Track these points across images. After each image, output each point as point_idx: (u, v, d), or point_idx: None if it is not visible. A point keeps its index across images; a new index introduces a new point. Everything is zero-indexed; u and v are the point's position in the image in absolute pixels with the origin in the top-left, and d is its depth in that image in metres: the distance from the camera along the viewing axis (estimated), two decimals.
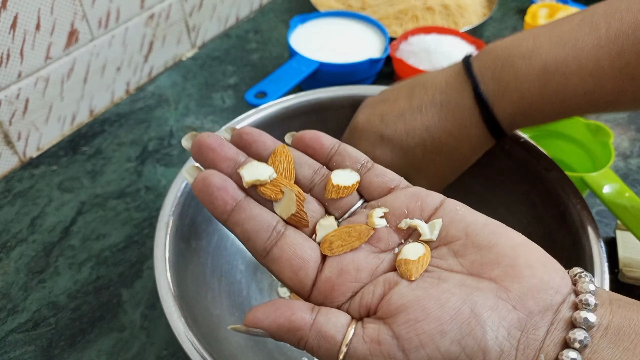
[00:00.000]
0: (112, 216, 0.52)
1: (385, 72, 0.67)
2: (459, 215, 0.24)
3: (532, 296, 0.21)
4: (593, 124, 0.52)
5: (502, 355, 0.20)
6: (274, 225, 0.24)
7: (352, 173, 0.26)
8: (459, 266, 0.23)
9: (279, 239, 0.24)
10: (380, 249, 0.25)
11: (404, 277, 0.23)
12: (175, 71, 0.70)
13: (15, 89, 0.54)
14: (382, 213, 0.25)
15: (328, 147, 0.27)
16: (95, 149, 0.59)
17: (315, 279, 0.24)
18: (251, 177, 0.25)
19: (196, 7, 0.71)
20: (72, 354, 0.42)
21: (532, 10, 0.72)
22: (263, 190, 0.25)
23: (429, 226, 0.24)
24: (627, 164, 0.58)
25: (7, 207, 0.53)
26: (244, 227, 0.24)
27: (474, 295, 0.21)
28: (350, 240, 0.24)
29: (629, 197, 0.45)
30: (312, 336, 0.22)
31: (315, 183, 0.26)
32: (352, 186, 0.26)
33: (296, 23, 0.67)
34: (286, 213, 0.25)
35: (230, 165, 0.26)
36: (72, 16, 0.56)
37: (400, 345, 0.21)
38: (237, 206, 0.24)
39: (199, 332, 0.33)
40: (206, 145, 0.26)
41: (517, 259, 0.22)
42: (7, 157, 0.56)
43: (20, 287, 0.46)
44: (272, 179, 0.25)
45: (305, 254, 0.24)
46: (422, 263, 0.23)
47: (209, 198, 0.24)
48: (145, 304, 0.45)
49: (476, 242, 0.23)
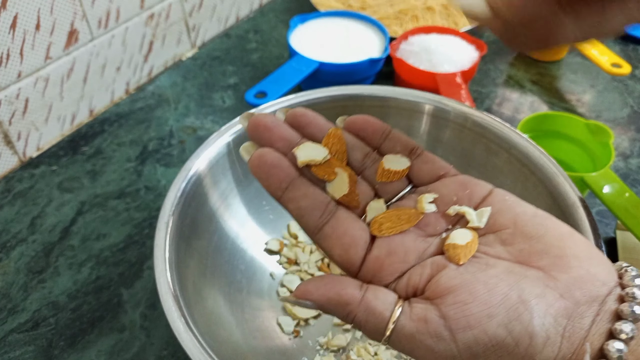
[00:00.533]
0: (112, 216, 0.52)
1: (385, 72, 0.67)
2: (508, 205, 0.25)
3: (579, 286, 0.21)
4: (593, 124, 0.52)
5: (548, 341, 0.21)
6: (327, 204, 0.25)
7: (402, 158, 0.27)
8: (506, 254, 0.23)
9: (330, 218, 0.25)
10: (428, 233, 0.25)
11: (452, 260, 0.23)
12: (175, 71, 0.70)
13: (15, 88, 0.54)
14: (432, 199, 0.26)
15: (379, 131, 0.28)
16: (95, 149, 0.59)
17: (363, 258, 0.25)
18: (306, 157, 0.26)
19: (196, 7, 0.71)
20: (72, 354, 0.42)
21: None
22: (317, 170, 0.26)
23: (477, 214, 0.25)
24: (627, 164, 0.58)
25: (7, 207, 0.53)
26: (298, 204, 0.25)
27: (521, 282, 0.22)
28: (399, 222, 0.25)
29: (629, 197, 0.45)
30: (360, 311, 0.23)
31: (366, 166, 0.27)
32: (403, 171, 0.27)
33: (296, 23, 0.67)
34: (338, 193, 0.26)
35: (285, 145, 0.26)
36: (72, 16, 0.56)
37: (447, 325, 0.22)
38: (291, 184, 0.25)
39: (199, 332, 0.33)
40: (263, 124, 0.26)
41: (565, 249, 0.22)
42: (7, 157, 0.56)
43: (20, 287, 0.46)
44: (325, 160, 0.26)
45: (355, 233, 0.25)
46: (470, 248, 0.24)
47: (265, 175, 0.25)
48: (145, 304, 0.45)
49: (524, 232, 0.23)
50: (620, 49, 0.75)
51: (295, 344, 0.42)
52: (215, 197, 0.43)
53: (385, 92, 0.46)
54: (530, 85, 0.69)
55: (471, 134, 0.44)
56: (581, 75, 0.70)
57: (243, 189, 0.46)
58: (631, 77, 0.70)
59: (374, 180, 0.27)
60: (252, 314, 0.42)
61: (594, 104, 0.66)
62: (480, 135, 0.43)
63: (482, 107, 0.65)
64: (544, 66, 0.72)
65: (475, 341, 0.21)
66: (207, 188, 0.42)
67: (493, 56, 0.73)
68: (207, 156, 0.42)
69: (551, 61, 0.72)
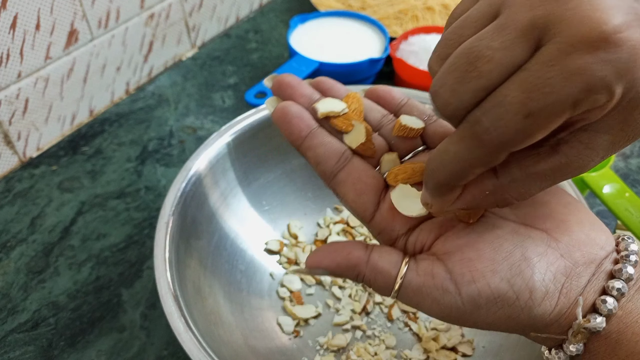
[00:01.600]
0: (112, 216, 0.52)
1: (385, 72, 0.67)
2: None
3: (579, 248, 0.23)
4: None
5: (546, 295, 0.22)
6: (343, 152, 0.27)
7: (418, 120, 0.28)
8: (512, 216, 0.24)
9: (346, 164, 0.26)
10: None
11: (463, 219, 0.25)
12: (175, 71, 0.70)
13: (15, 88, 0.54)
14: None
15: (398, 99, 0.29)
16: (95, 149, 0.59)
17: (377, 206, 0.26)
18: (325, 109, 0.27)
19: (196, 7, 0.71)
20: (72, 354, 0.42)
21: None
22: (335, 122, 0.27)
23: None
24: (627, 164, 0.58)
25: (7, 207, 0.53)
26: (315, 151, 0.27)
27: (525, 241, 0.23)
28: (414, 175, 0.26)
29: (629, 197, 0.45)
30: (368, 271, 0.24)
31: (383, 124, 0.28)
32: (418, 130, 0.27)
33: (296, 23, 0.67)
34: (355, 143, 0.27)
35: (306, 100, 0.28)
36: (72, 16, 0.56)
37: (452, 279, 0.23)
38: (310, 133, 0.27)
39: (199, 332, 0.33)
40: (286, 82, 0.28)
41: (569, 215, 0.24)
42: (7, 157, 0.56)
43: (20, 287, 0.46)
44: (343, 113, 0.27)
45: (369, 179, 0.26)
46: (479, 210, 0.24)
47: (287, 125, 0.27)
48: (145, 304, 0.45)
49: (531, 198, 0.24)
50: None
51: (295, 344, 0.42)
52: (215, 197, 0.43)
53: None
54: None
55: None
56: None
57: (243, 189, 0.46)
58: None
59: (389, 137, 0.28)
60: (252, 314, 0.42)
61: None
62: None
63: None
64: None
65: (478, 294, 0.22)
66: (207, 188, 0.42)
67: None
68: (207, 156, 0.42)
69: None
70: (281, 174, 0.47)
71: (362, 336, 0.43)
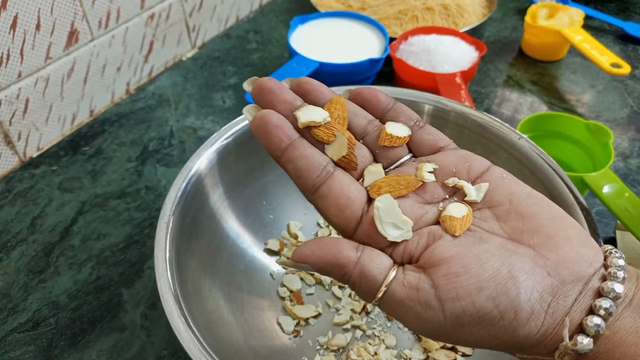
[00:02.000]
0: (113, 216, 0.52)
1: (385, 72, 0.67)
2: (505, 183, 0.25)
3: (567, 266, 0.22)
4: (593, 124, 0.52)
5: (532, 315, 0.22)
6: (324, 165, 0.26)
7: (404, 127, 0.27)
8: (500, 230, 0.24)
9: (328, 178, 0.25)
10: (426, 201, 0.26)
11: (448, 232, 0.24)
12: (175, 71, 0.70)
13: (16, 89, 0.54)
14: (432, 168, 0.26)
15: (384, 103, 0.28)
16: (95, 149, 0.59)
17: (360, 220, 0.25)
18: (306, 118, 0.26)
19: (196, 7, 0.71)
20: (73, 354, 0.42)
21: (532, 10, 0.72)
22: (316, 132, 0.26)
23: (475, 188, 0.25)
24: (627, 164, 0.58)
25: (8, 207, 0.53)
26: (296, 164, 0.25)
27: (512, 258, 0.22)
28: (398, 187, 0.25)
29: (629, 197, 0.45)
30: (355, 273, 0.24)
31: (367, 132, 0.27)
32: (404, 138, 0.27)
33: (296, 23, 0.67)
34: (337, 155, 0.26)
35: (287, 107, 0.27)
36: (72, 16, 0.56)
37: (437, 295, 0.22)
38: (291, 144, 0.26)
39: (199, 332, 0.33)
40: (266, 87, 0.27)
41: (557, 230, 0.23)
42: (7, 157, 0.56)
43: (20, 287, 0.46)
44: (325, 122, 0.26)
45: (351, 193, 0.25)
46: (466, 221, 0.24)
47: (266, 135, 0.25)
48: (145, 304, 0.45)
49: (519, 210, 0.24)
50: (620, 49, 0.75)
51: (295, 343, 0.42)
52: (216, 197, 0.43)
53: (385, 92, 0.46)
54: (530, 85, 0.69)
55: (471, 134, 0.44)
56: (581, 76, 0.70)
57: (243, 189, 0.46)
58: (631, 77, 0.70)
59: (374, 147, 0.27)
60: (252, 314, 0.42)
61: (593, 104, 0.66)
62: (480, 135, 0.43)
63: (481, 107, 0.65)
64: (543, 66, 0.72)
65: (462, 311, 0.22)
66: (208, 188, 0.42)
67: (493, 56, 0.73)
68: (208, 156, 0.42)
69: (551, 61, 0.73)
70: (281, 174, 0.47)
71: (362, 336, 0.43)
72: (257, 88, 0.27)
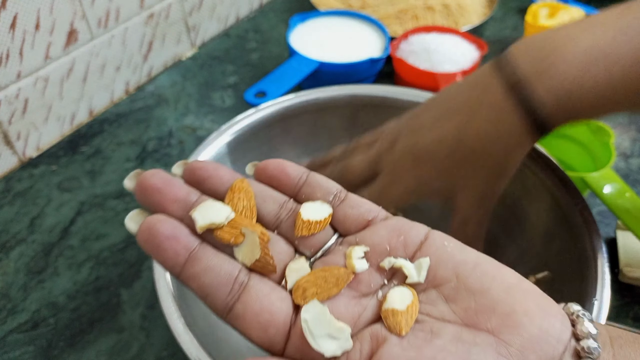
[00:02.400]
0: (112, 216, 0.52)
1: (386, 71, 0.67)
2: (447, 253, 0.22)
3: (534, 349, 0.19)
4: (594, 124, 0.52)
5: None
6: (236, 276, 0.21)
7: (323, 205, 0.23)
8: (451, 314, 0.20)
9: (242, 292, 0.21)
10: (362, 293, 0.22)
11: (393, 331, 0.20)
12: (174, 71, 0.70)
13: (15, 88, 0.54)
14: (362, 253, 0.22)
15: (295, 177, 0.24)
16: (94, 149, 0.59)
17: (288, 336, 0.21)
18: (205, 221, 0.22)
19: (196, 6, 0.71)
20: (72, 354, 0.42)
21: (533, 9, 0.71)
22: (220, 234, 0.22)
23: (415, 266, 0.22)
24: (628, 164, 0.58)
25: (7, 207, 0.53)
26: (200, 281, 0.21)
27: (472, 354, 0.19)
28: (327, 286, 0.21)
29: (630, 197, 0.45)
30: None
31: (281, 219, 0.23)
32: (325, 220, 0.23)
33: (296, 22, 0.66)
34: (249, 259, 0.22)
35: (181, 206, 0.22)
36: (72, 16, 0.56)
37: None
38: (190, 257, 0.21)
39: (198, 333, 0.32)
40: (150, 186, 0.22)
41: (514, 305, 0.20)
42: (6, 157, 0.56)
43: (19, 287, 0.46)
44: (229, 220, 0.22)
45: (273, 306, 0.21)
46: (412, 313, 0.21)
47: (156, 250, 0.21)
48: (144, 305, 0.45)
49: (468, 285, 0.21)
50: None
51: None
52: None
53: (386, 92, 0.46)
54: None
55: None
56: None
57: None
58: None
59: (292, 235, 0.23)
60: None
61: None
62: None
63: None
64: None
65: None
66: None
67: (493, 56, 0.72)
68: (207, 156, 0.42)
69: None
70: None
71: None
72: (140, 188, 0.22)
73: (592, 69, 0.30)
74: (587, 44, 0.30)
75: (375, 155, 0.37)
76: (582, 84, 0.30)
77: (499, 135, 0.32)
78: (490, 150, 0.33)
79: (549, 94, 0.31)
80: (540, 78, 0.31)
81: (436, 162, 0.34)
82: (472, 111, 0.33)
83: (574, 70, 0.30)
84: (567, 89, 0.30)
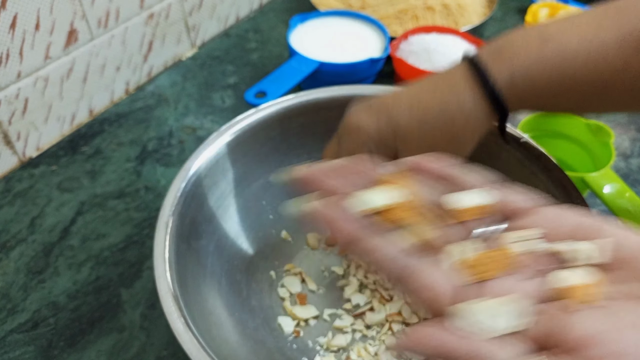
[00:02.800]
0: (112, 216, 0.52)
1: (386, 71, 0.67)
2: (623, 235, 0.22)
3: None
4: (594, 123, 0.52)
5: None
6: (403, 254, 0.23)
7: (483, 193, 0.24)
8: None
9: (409, 268, 0.23)
10: (529, 276, 0.22)
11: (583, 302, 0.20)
12: (174, 71, 0.70)
13: (15, 88, 0.54)
14: (526, 236, 0.23)
15: (451, 167, 0.26)
16: (94, 149, 0.59)
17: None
18: (372, 204, 0.24)
19: (196, 6, 0.71)
20: (72, 354, 0.42)
21: (533, 9, 0.71)
22: (388, 217, 0.24)
23: (597, 247, 0.22)
24: (628, 164, 0.58)
25: (7, 207, 0.53)
26: (373, 256, 0.23)
27: None
28: (494, 266, 0.22)
29: (630, 197, 0.45)
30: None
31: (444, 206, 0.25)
32: (485, 207, 0.24)
33: (296, 22, 0.66)
34: (415, 238, 0.23)
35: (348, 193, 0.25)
36: (72, 16, 0.56)
37: None
38: (361, 236, 0.23)
39: (199, 332, 0.33)
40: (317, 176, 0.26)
41: None
42: (6, 157, 0.56)
43: (20, 287, 0.46)
44: (396, 205, 0.24)
45: (438, 282, 0.22)
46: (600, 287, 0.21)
47: (331, 229, 0.24)
48: (145, 304, 0.45)
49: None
50: None
51: (296, 344, 0.42)
52: (215, 197, 0.43)
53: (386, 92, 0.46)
54: None
55: None
56: None
57: (243, 189, 0.46)
58: None
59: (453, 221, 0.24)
60: (252, 314, 0.42)
61: None
62: None
63: None
64: None
65: None
66: (207, 188, 0.42)
67: None
68: (207, 156, 0.42)
69: None
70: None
71: (362, 337, 0.43)
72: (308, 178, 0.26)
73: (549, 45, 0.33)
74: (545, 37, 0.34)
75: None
76: (532, 68, 0.33)
77: (462, 108, 0.35)
78: (451, 122, 0.35)
79: (501, 74, 0.34)
80: (495, 60, 0.35)
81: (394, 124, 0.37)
82: (437, 86, 0.37)
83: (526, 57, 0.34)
84: (519, 72, 0.34)
